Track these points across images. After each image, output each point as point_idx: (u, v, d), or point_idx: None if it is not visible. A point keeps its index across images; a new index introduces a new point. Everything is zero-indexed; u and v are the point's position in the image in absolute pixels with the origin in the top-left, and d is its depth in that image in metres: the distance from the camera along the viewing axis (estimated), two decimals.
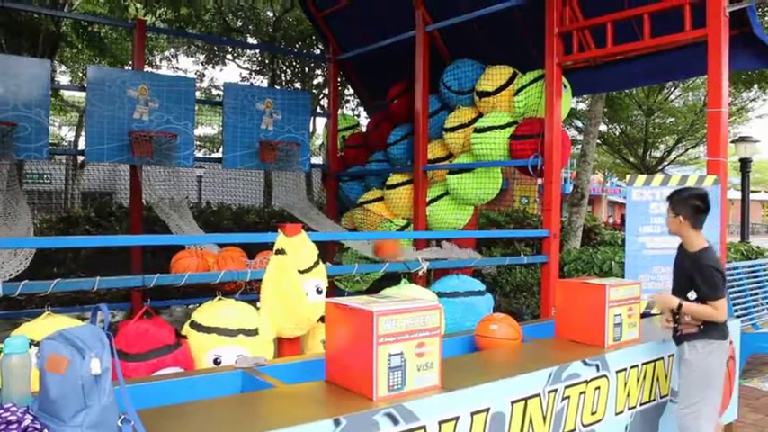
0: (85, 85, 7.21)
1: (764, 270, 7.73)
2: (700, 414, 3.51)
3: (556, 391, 3.13)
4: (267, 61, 18.33)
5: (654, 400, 3.81)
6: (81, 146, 16.56)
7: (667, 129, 22.19)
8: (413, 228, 7.83)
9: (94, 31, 13.94)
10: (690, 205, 3.60)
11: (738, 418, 4.81)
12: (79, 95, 18.76)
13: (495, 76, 7.08)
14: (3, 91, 6.56)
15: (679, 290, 3.66)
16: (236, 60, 19.96)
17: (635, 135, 22.38)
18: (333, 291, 4.79)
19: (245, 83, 18.42)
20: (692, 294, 3.56)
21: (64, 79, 19.10)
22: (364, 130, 9.94)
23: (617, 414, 3.53)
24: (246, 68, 19.99)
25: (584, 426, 3.32)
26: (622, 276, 6.51)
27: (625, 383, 3.57)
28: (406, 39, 7.80)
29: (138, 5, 14.60)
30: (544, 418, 3.06)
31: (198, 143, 22.66)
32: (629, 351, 3.63)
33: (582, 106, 19.28)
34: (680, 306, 3.54)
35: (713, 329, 3.54)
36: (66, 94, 19.96)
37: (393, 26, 8.06)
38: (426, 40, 7.64)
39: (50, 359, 1.82)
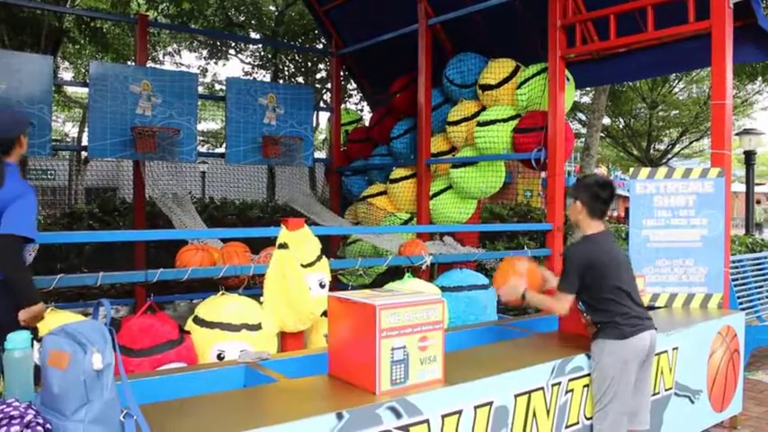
0: (88, 81, 7.21)
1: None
2: (605, 416, 3.23)
3: (559, 384, 3.12)
4: (270, 56, 18.29)
5: (658, 392, 3.80)
6: (84, 142, 16.57)
7: (671, 121, 22.11)
8: (416, 221, 7.83)
9: (97, 27, 13.91)
10: (589, 192, 3.39)
11: (743, 411, 4.80)
12: (82, 91, 18.76)
13: (498, 69, 7.06)
14: (6, 87, 6.56)
15: None
16: (239, 55, 19.94)
17: (639, 128, 22.31)
18: (336, 285, 4.79)
19: (248, 77, 18.39)
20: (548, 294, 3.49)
21: (67, 75, 19.13)
22: (367, 124, 9.92)
23: None
24: (249, 63, 19.97)
25: (587, 419, 3.31)
26: None
27: None
28: (409, 32, 7.78)
29: (141, 1, 14.57)
30: (547, 412, 3.06)
31: (201, 138, 22.69)
32: None
33: (585, 99, 19.21)
34: (523, 296, 3.45)
35: (609, 328, 3.27)
36: (69, 89, 19.94)
37: (395, 20, 8.03)
38: (429, 34, 7.62)
39: (52, 354, 1.83)
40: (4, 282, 2.94)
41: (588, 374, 3.30)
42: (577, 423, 3.24)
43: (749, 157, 13.16)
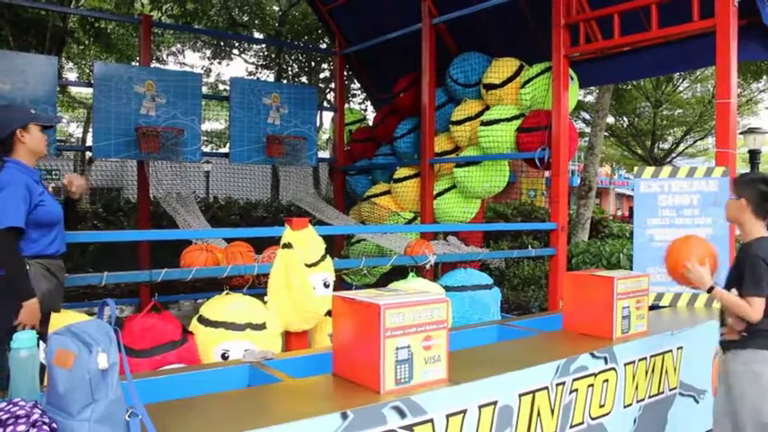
0: (92, 82, 7.22)
1: None
2: None
3: (564, 384, 3.12)
4: (273, 56, 18.32)
5: (662, 392, 3.79)
6: (89, 142, 16.61)
7: (675, 120, 22.05)
8: (420, 221, 7.83)
9: (101, 28, 13.96)
10: (757, 189, 3.14)
11: None
12: (86, 92, 18.80)
13: (502, 68, 7.06)
14: (10, 87, 6.58)
15: (727, 288, 3.19)
16: (243, 55, 19.97)
17: (643, 127, 22.25)
18: (340, 284, 4.79)
19: (252, 77, 18.41)
20: (734, 291, 3.09)
21: (71, 75, 19.15)
22: (371, 123, 9.93)
23: (625, 407, 3.52)
24: (253, 63, 20.00)
25: (592, 419, 3.31)
26: (630, 269, 6.49)
27: (633, 376, 3.56)
28: (413, 31, 7.78)
29: (145, 1, 14.60)
30: (552, 412, 3.05)
31: (205, 138, 22.71)
32: (637, 344, 3.62)
33: (589, 98, 19.18)
34: (711, 288, 3.13)
35: (762, 337, 3.03)
36: (73, 90, 20.00)
37: (399, 19, 8.03)
38: (432, 33, 7.61)
39: (58, 354, 1.83)
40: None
41: (592, 374, 3.29)
42: (582, 423, 3.24)
43: (754, 155, 13.12)
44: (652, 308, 4.19)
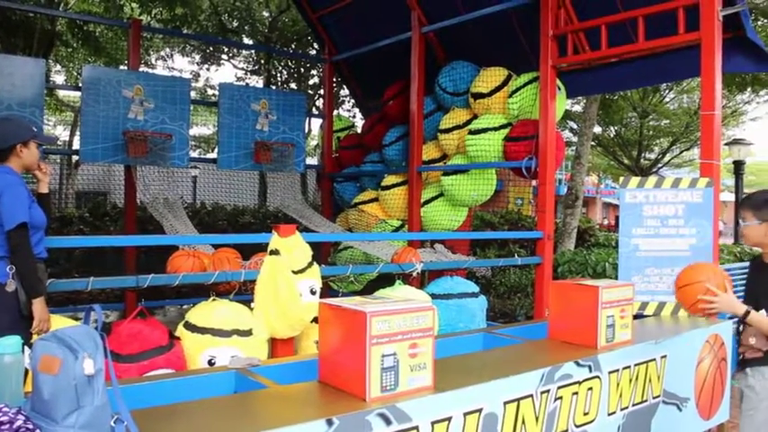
0: (80, 85, 7.20)
1: None
2: None
3: (548, 391, 3.13)
4: (263, 62, 18.32)
5: (646, 400, 3.82)
6: (76, 145, 16.50)
7: (662, 131, 22.23)
8: (407, 229, 7.84)
9: (90, 31, 13.91)
10: None
11: (730, 419, 4.82)
12: (74, 95, 18.69)
13: (490, 77, 7.10)
14: None
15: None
16: (232, 60, 19.95)
17: (629, 137, 22.42)
18: (327, 292, 4.80)
19: (241, 83, 18.40)
20: (763, 313, 3.04)
21: (59, 78, 19.05)
22: (359, 130, 9.94)
23: (609, 415, 3.54)
24: (242, 69, 19.99)
25: (576, 426, 3.33)
26: (616, 278, 6.53)
27: (617, 384, 3.58)
28: (402, 40, 7.82)
29: (134, 5, 14.56)
30: (536, 419, 3.07)
31: (193, 143, 22.61)
32: (621, 352, 3.64)
33: (577, 108, 19.30)
34: (746, 314, 3.09)
35: None
36: (60, 93, 19.88)
37: (389, 27, 8.07)
38: (422, 42, 7.66)
39: (43, 360, 1.82)
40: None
41: (577, 382, 3.31)
42: (567, 430, 3.26)
43: (738, 166, 13.27)
44: (636, 317, 4.22)
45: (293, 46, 16.83)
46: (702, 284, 3.14)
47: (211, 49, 19.15)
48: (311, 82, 18.49)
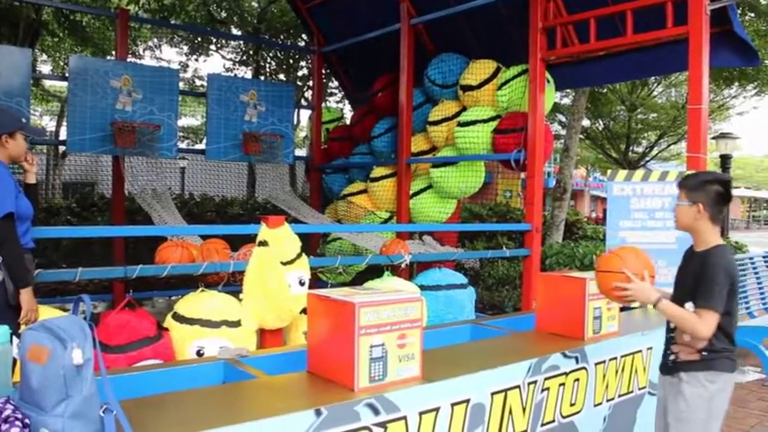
0: (67, 75, 7.14)
1: (743, 266, 7.84)
2: None
3: (536, 382, 3.16)
4: (251, 52, 18.23)
5: (632, 391, 3.86)
6: (62, 136, 16.39)
7: (650, 124, 22.32)
8: (396, 220, 7.86)
9: (76, 20, 13.78)
10: (712, 192, 2.77)
11: None
12: (61, 85, 18.56)
13: (479, 70, 7.11)
14: None
15: (677, 302, 2.87)
16: (220, 51, 19.83)
17: (618, 130, 22.50)
18: (316, 283, 4.80)
19: (229, 74, 18.31)
20: (689, 306, 2.76)
21: (45, 68, 18.87)
22: (348, 122, 9.94)
23: (596, 406, 3.58)
24: (230, 59, 19.87)
25: (563, 417, 3.36)
26: None
27: (604, 375, 3.62)
28: (391, 32, 7.80)
29: None
30: (524, 410, 3.10)
31: (181, 134, 22.52)
32: (608, 344, 3.68)
33: (565, 101, 19.35)
34: (657, 302, 2.82)
35: (723, 358, 2.77)
36: (47, 83, 19.73)
37: (378, 19, 8.06)
38: (411, 34, 7.65)
39: (32, 349, 1.82)
40: None
41: (564, 373, 3.34)
42: (553, 421, 3.29)
43: (725, 160, 13.37)
44: (623, 309, 4.26)
45: (282, 37, 16.74)
46: (621, 273, 2.94)
47: (200, 39, 19.01)
48: (300, 73, 18.42)
